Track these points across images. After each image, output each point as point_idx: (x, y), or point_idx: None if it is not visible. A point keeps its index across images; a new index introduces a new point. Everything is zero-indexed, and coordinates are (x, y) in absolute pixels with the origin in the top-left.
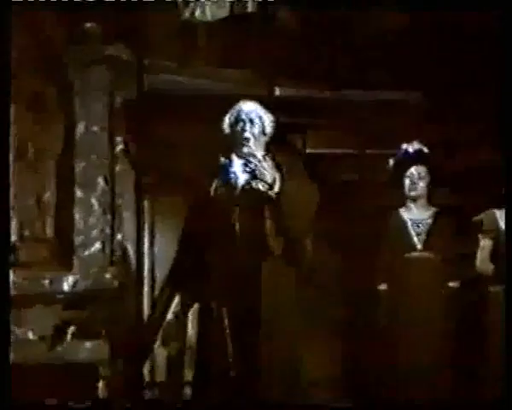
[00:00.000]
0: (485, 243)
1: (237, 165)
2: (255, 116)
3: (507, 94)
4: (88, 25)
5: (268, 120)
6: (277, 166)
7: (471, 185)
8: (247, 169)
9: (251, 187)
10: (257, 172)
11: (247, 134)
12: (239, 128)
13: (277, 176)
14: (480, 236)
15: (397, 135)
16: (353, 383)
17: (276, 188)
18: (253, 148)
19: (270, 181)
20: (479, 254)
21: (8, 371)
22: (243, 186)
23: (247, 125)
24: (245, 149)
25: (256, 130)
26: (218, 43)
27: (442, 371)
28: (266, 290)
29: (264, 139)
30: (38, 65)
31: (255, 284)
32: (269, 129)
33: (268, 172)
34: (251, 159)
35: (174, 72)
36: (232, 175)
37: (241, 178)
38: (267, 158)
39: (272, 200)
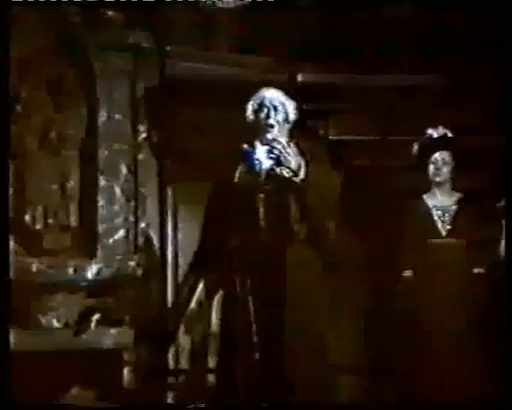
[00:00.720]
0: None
1: (261, 151)
2: (278, 103)
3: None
4: (110, 12)
5: (291, 107)
6: (301, 153)
7: (496, 170)
8: (272, 155)
9: (275, 173)
10: (282, 158)
11: (271, 121)
12: (263, 115)
13: (302, 162)
14: (503, 221)
15: (420, 120)
16: (377, 368)
17: (302, 174)
18: (277, 134)
19: (295, 167)
20: (503, 240)
21: (7, 372)
22: (267, 173)
23: (271, 112)
24: (269, 136)
25: (280, 117)
26: (239, 30)
27: (467, 358)
28: (291, 275)
29: (287, 126)
30: (60, 52)
31: (280, 270)
32: (292, 116)
33: (293, 158)
34: (275, 144)
35: (196, 58)
36: (256, 162)
37: (266, 164)
38: (291, 144)
39: (297, 186)
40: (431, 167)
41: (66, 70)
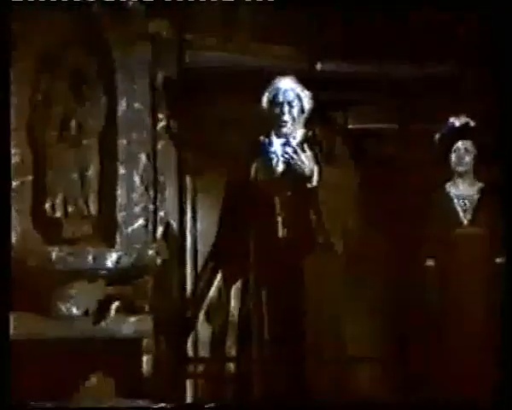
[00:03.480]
0: None
1: (277, 144)
2: (293, 97)
3: None
4: (131, 1)
5: (306, 97)
6: (316, 154)
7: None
8: (285, 158)
9: (291, 169)
10: (294, 165)
11: (285, 117)
12: (277, 110)
13: (315, 168)
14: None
15: (439, 110)
16: (397, 361)
17: (315, 181)
18: (292, 129)
19: (307, 174)
20: None
21: (7, 372)
22: (283, 168)
23: (286, 108)
24: (284, 130)
25: (295, 111)
26: (259, 19)
27: (490, 349)
28: (309, 268)
29: (303, 117)
30: (80, 42)
31: (298, 264)
32: (307, 106)
33: (305, 164)
34: (287, 149)
35: (215, 48)
36: (273, 155)
37: (281, 159)
38: (305, 147)
39: (311, 191)
40: (453, 157)
41: (87, 61)
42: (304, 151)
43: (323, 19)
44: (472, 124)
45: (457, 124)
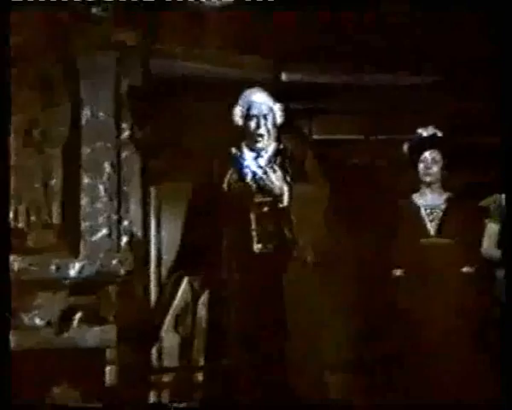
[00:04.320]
0: (492, 228)
1: (249, 158)
2: (267, 110)
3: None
4: (95, 9)
5: (278, 110)
6: (285, 171)
7: (484, 169)
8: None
9: (265, 184)
10: (264, 185)
11: (261, 131)
12: (252, 124)
13: (285, 188)
14: (486, 220)
15: (408, 120)
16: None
17: (285, 201)
18: (267, 143)
19: (277, 194)
20: (485, 239)
21: (7, 372)
22: (257, 182)
23: (261, 122)
24: (258, 145)
25: (269, 124)
26: (225, 28)
27: (459, 356)
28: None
29: (275, 130)
30: (44, 49)
31: (272, 274)
32: (279, 119)
33: (275, 185)
34: (257, 171)
35: (180, 57)
36: (246, 169)
37: (256, 173)
38: (276, 165)
39: (283, 208)
40: (421, 166)
41: (53, 67)
42: (274, 171)
43: (289, 27)
44: (439, 134)
45: (425, 134)
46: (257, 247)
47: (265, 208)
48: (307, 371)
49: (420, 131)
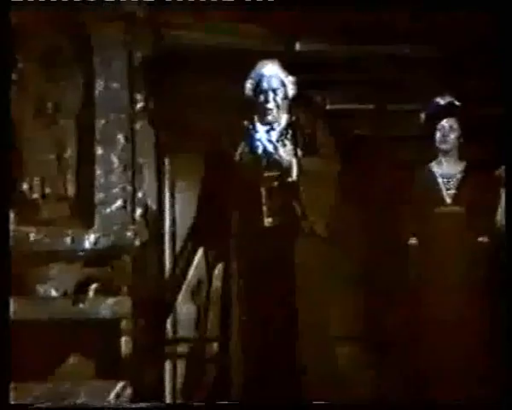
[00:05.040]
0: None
1: (261, 131)
2: (277, 84)
3: None
4: None
5: (290, 83)
6: (296, 144)
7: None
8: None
9: (275, 158)
10: (272, 159)
11: (270, 105)
12: (262, 98)
13: (294, 162)
14: (501, 189)
15: (419, 89)
16: (378, 339)
17: (294, 175)
18: (276, 116)
19: (286, 168)
20: (500, 209)
21: (7, 372)
22: (268, 156)
23: (270, 96)
24: (269, 118)
25: (279, 98)
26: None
27: (470, 329)
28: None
29: (286, 102)
30: (56, 23)
31: (282, 249)
32: (291, 92)
33: (283, 159)
34: (271, 138)
35: (192, 28)
36: (258, 142)
37: (267, 147)
38: (286, 138)
39: (293, 182)
40: (438, 135)
41: (62, 41)
42: (284, 145)
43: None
44: (457, 103)
45: (442, 102)
46: (267, 221)
47: (275, 183)
48: (316, 343)
49: (437, 99)
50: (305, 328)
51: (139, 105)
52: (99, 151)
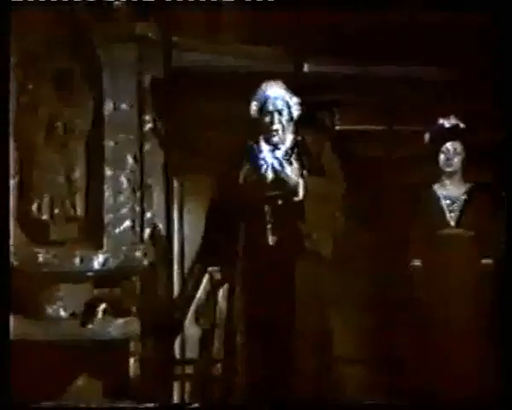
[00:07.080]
0: None
1: (266, 151)
2: (282, 105)
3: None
4: (116, 2)
5: (294, 104)
6: (302, 164)
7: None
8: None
9: (280, 179)
10: (279, 178)
11: (275, 126)
12: (267, 119)
13: (300, 182)
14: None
15: (426, 112)
16: (383, 359)
17: (300, 195)
18: (282, 137)
19: (292, 187)
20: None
21: (7, 372)
22: (273, 177)
23: (276, 117)
24: (274, 139)
25: (284, 119)
26: (245, 20)
27: (477, 347)
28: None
29: (292, 124)
30: (67, 45)
31: (287, 267)
32: (296, 113)
33: (290, 178)
34: (277, 157)
35: (202, 49)
36: (262, 162)
37: (270, 167)
38: (292, 157)
39: (298, 202)
40: (442, 157)
41: (73, 63)
42: (290, 164)
43: (309, 20)
44: (461, 125)
45: (447, 125)
46: (271, 239)
47: (280, 201)
48: (316, 364)
49: (442, 121)
50: (309, 349)
51: (148, 126)
52: (108, 172)
